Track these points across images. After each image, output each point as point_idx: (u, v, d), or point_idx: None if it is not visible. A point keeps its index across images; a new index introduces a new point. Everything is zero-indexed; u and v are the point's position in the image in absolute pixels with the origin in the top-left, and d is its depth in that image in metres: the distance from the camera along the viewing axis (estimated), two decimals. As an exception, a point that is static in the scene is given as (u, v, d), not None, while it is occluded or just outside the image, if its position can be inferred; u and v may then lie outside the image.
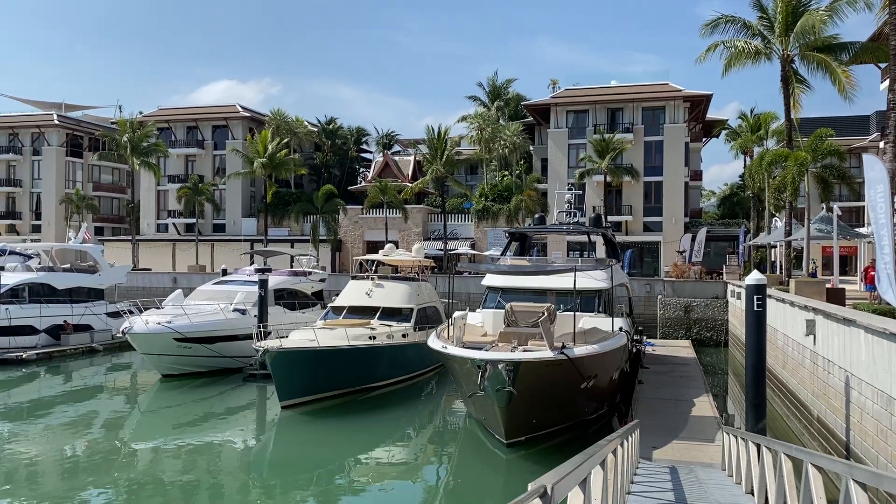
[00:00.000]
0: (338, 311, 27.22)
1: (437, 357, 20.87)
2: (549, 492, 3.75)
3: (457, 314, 19.83)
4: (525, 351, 16.38)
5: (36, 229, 67.20)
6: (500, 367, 15.35)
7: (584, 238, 34.98)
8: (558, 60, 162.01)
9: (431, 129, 51.77)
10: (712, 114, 58.95)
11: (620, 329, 20.15)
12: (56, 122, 67.52)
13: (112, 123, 66.14)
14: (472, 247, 53.86)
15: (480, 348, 17.03)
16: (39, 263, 38.07)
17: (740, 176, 65.36)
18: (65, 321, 34.50)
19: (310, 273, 36.29)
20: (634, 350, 24.29)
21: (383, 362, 24.65)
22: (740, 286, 33.12)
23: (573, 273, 18.38)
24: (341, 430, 20.87)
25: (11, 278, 33.10)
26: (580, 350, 16.64)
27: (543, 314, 18.74)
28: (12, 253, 38.38)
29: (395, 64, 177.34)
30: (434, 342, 19.06)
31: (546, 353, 15.94)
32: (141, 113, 66.12)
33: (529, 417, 16.83)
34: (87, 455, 18.58)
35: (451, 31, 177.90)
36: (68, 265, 39.39)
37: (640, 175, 51.66)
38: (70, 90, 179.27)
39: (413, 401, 25.44)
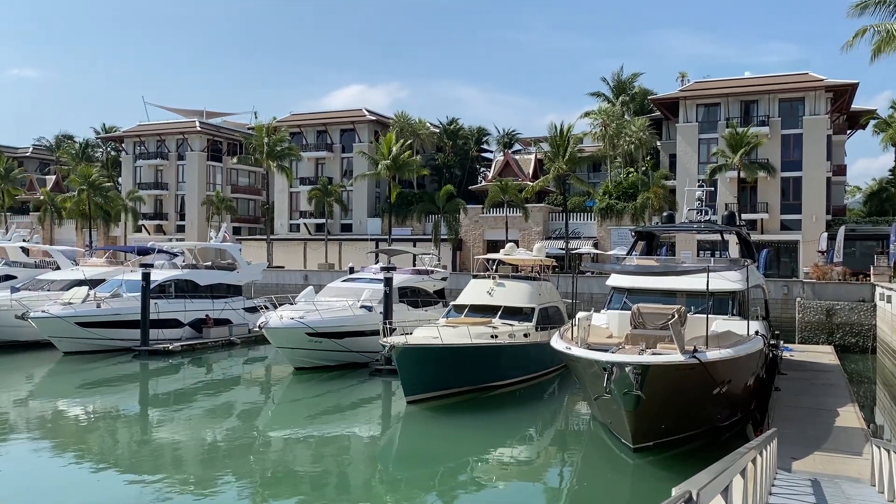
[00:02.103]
0: (459, 309, 27.42)
1: (559, 358, 20.63)
2: (694, 497, 3.57)
3: (581, 315, 19.47)
4: (654, 354, 15.87)
5: (180, 229, 72.08)
6: (627, 369, 14.97)
7: (716, 237, 33.50)
8: (687, 53, 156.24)
9: (554, 126, 51.19)
10: (859, 104, 54.88)
11: (756, 333, 19.12)
12: (198, 128, 72.12)
13: (249, 129, 69.94)
14: (595, 246, 52.82)
15: (606, 350, 16.64)
16: (184, 261, 40.77)
17: (891, 170, 60.46)
18: (206, 315, 36.70)
19: (432, 271, 36.78)
20: (771, 355, 22.99)
21: (505, 361, 24.60)
22: (891, 289, 30.67)
23: (705, 273, 17.63)
24: (464, 428, 21.02)
25: (160, 275, 35.58)
26: (713, 354, 15.92)
27: (673, 316, 18.06)
28: (160, 251, 41.41)
29: (516, 62, 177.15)
30: (557, 343, 18.81)
31: (677, 357, 15.38)
32: (275, 119, 69.45)
33: (658, 422, 16.30)
34: (225, 442, 19.70)
35: (574, 27, 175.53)
36: (209, 263, 41.88)
37: (777, 170, 48.87)
38: (210, 98, 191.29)
39: (535, 401, 25.25)
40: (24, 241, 47.78)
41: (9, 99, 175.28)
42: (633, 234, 26.76)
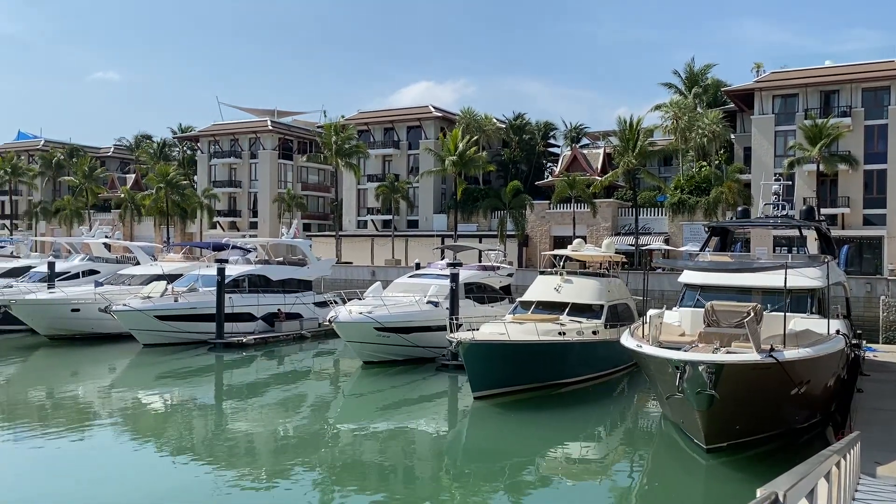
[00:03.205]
0: (526, 305, 27.24)
1: (630, 356, 20.32)
2: (780, 499, 3.44)
3: (652, 312, 19.10)
4: (728, 353, 15.46)
5: (253, 226, 73.96)
6: (700, 368, 14.62)
7: (793, 233, 32.35)
8: (763, 42, 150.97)
9: (623, 119, 50.22)
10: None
11: (837, 332, 18.37)
12: (270, 127, 73.85)
13: (318, 128, 71.23)
14: (667, 242, 51.64)
15: (678, 348, 16.32)
16: (257, 257, 41.83)
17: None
18: (278, 309, 37.53)
19: (498, 268, 36.65)
20: (853, 355, 22.07)
21: (573, 359, 24.35)
22: None
23: (783, 270, 17.05)
24: (532, 424, 20.92)
25: (234, 270, 36.57)
26: (791, 353, 15.40)
27: (749, 314, 17.51)
28: (234, 247, 42.58)
29: (584, 55, 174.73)
30: (628, 340, 18.54)
31: (752, 356, 14.93)
32: (343, 117, 70.44)
33: (732, 423, 15.88)
34: (296, 433, 20.16)
35: (644, 18, 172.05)
36: (281, 258, 42.82)
37: (860, 163, 46.73)
38: (281, 97, 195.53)
39: (604, 399, 24.93)
40: (106, 237, 49.92)
41: (93, 101, 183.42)
42: (707, 229, 26.10)
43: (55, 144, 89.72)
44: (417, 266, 40.08)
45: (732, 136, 57.25)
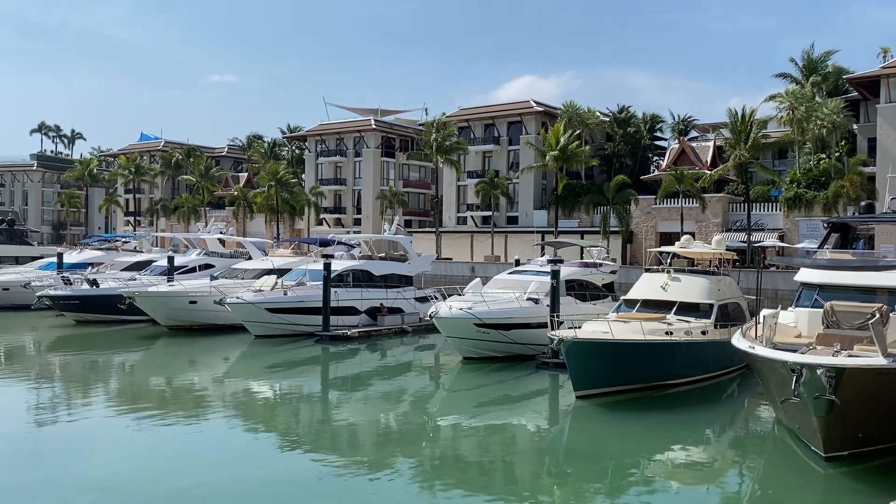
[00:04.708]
0: (631, 304, 26.53)
1: (741, 357, 19.54)
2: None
3: (766, 312, 18.21)
4: (850, 356, 14.54)
5: (357, 222, 75.85)
6: (819, 372, 13.83)
7: (924, 229, 30.06)
8: (890, 26, 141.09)
9: (734, 111, 48.20)
10: None
11: (976, 336, 16.92)
12: (373, 126, 75.47)
13: (419, 125, 72.25)
14: (781, 239, 49.19)
15: (795, 350, 15.50)
16: (360, 253, 42.81)
17: None
18: (381, 304, 38.25)
19: (600, 265, 35.88)
20: None
21: (680, 359, 23.53)
22: None
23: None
24: (636, 425, 20.38)
25: (339, 265, 37.53)
26: (922, 358, 14.30)
27: (874, 315, 16.38)
28: (339, 243, 43.74)
29: (692, 46, 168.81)
30: (740, 341, 17.80)
31: (878, 360, 14.02)
32: (444, 114, 71.09)
33: (854, 430, 14.94)
34: (398, 426, 20.47)
35: (758, 5, 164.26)
36: (383, 254, 43.60)
37: None
38: (386, 95, 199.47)
39: (713, 402, 23.99)
40: (221, 233, 52.38)
41: (209, 103, 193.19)
42: (826, 225, 24.60)
43: (174, 145, 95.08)
44: (517, 262, 39.80)
45: (855, 127, 53.89)
